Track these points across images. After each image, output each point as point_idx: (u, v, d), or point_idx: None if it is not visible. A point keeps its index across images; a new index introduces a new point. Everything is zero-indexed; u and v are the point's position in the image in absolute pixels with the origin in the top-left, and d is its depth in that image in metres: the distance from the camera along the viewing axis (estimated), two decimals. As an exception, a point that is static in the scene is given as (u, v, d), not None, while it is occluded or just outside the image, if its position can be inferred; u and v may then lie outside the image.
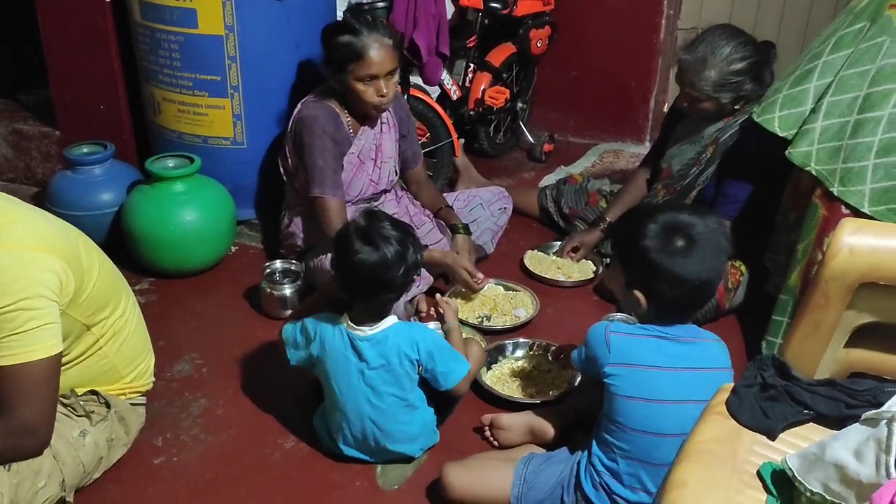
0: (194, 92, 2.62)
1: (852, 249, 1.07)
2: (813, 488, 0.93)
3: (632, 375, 1.54)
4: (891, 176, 1.89)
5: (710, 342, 1.60)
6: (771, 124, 2.08)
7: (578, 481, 1.64)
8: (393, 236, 1.71)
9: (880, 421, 0.89)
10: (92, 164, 2.65)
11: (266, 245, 2.82)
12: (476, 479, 1.70)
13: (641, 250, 1.52)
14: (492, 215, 2.75)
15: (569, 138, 3.93)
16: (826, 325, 1.11)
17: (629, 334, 1.58)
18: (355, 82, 2.29)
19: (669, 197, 2.60)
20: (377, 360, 1.74)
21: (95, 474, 1.77)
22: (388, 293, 1.75)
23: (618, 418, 1.57)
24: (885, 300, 1.09)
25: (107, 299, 1.74)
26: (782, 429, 1.07)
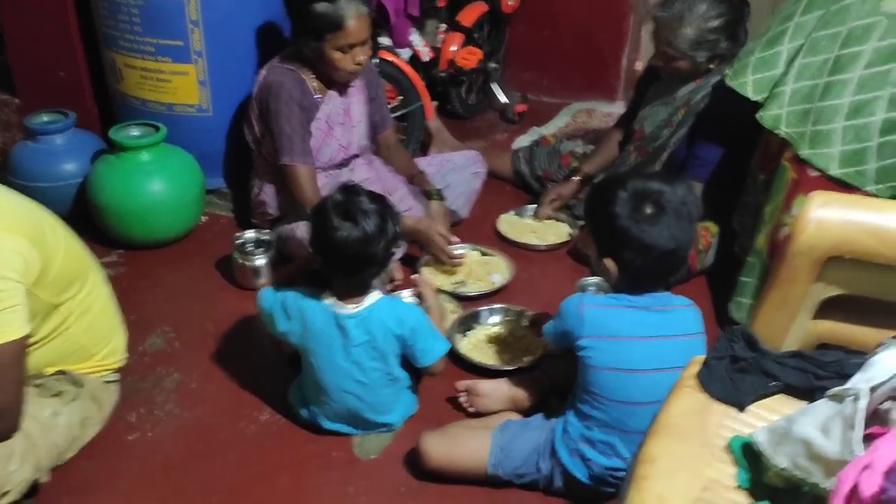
0: (157, 58, 2.54)
1: (820, 224, 1.07)
2: (781, 463, 0.94)
3: (606, 347, 1.55)
4: (859, 138, 1.89)
5: (683, 308, 1.61)
6: (744, 88, 2.08)
7: (554, 448, 1.66)
8: (372, 210, 1.69)
9: (846, 398, 0.90)
10: (53, 133, 2.58)
11: (237, 214, 2.78)
12: (453, 448, 1.71)
13: (610, 218, 1.52)
14: (465, 180, 2.73)
15: (541, 98, 3.89)
16: (794, 299, 1.12)
17: (602, 306, 1.59)
18: (333, 51, 2.23)
19: (641, 159, 2.60)
20: (362, 336, 1.73)
21: (70, 453, 1.76)
22: (370, 268, 1.73)
23: (593, 389, 1.58)
24: (851, 273, 1.10)
25: (73, 277, 1.71)
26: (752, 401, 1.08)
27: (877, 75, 1.86)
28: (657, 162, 2.54)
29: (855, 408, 0.87)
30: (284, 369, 1.99)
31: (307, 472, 1.79)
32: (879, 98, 1.86)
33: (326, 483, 1.76)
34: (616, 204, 1.52)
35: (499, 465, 1.68)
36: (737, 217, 2.34)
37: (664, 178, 1.56)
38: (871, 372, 0.93)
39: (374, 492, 1.74)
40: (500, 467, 1.68)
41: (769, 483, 0.97)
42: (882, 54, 1.85)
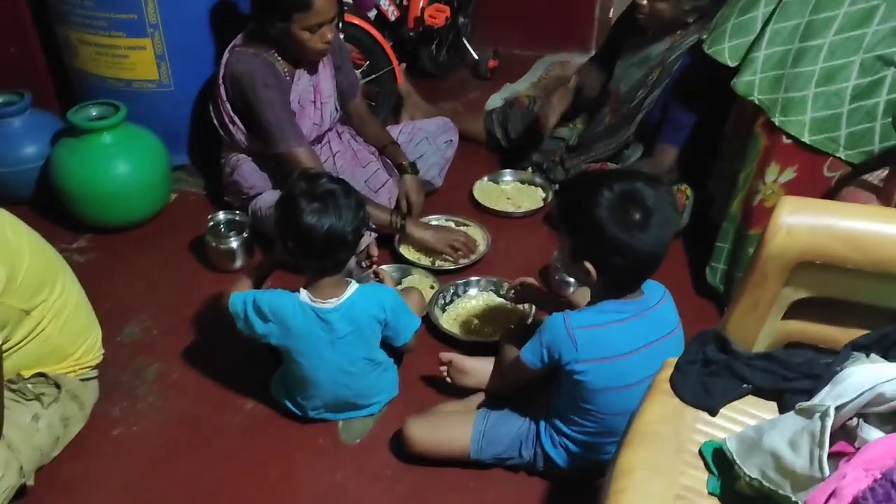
0: (111, 33, 2.45)
1: (790, 230, 1.08)
2: (751, 473, 0.97)
3: (604, 368, 1.50)
4: (830, 105, 1.89)
5: (661, 305, 1.58)
6: (721, 55, 2.05)
7: (539, 437, 1.69)
8: (338, 191, 1.67)
9: (814, 413, 0.92)
10: (9, 115, 2.50)
11: (207, 191, 2.74)
12: (437, 433, 1.74)
13: (596, 222, 1.43)
14: (438, 149, 2.70)
15: (514, 51, 3.82)
16: (764, 302, 1.13)
17: (593, 326, 1.51)
18: (301, 31, 2.16)
19: (615, 121, 2.57)
20: (347, 327, 1.73)
21: (55, 452, 1.76)
22: (342, 251, 1.72)
23: (587, 406, 1.56)
24: (820, 276, 1.12)
25: (42, 281, 1.68)
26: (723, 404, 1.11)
27: (848, 41, 1.85)
28: (632, 124, 2.52)
29: (822, 426, 0.89)
30: (266, 355, 1.99)
31: (295, 461, 1.81)
32: (850, 64, 1.85)
33: (315, 470, 1.79)
34: (601, 208, 1.43)
35: (481, 451, 1.71)
36: (712, 181, 2.35)
37: (646, 178, 1.48)
38: (839, 388, 0.95)
39: (361, 476, 1.77)
40: (482, 453, 1.71)
41: (740, 491, 1.00)
42: (853, 19, 1.84)
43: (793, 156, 1.96)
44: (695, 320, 2.18)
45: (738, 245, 2.14)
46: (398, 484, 1.76)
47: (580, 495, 1.71)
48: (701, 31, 2.29)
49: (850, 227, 1.08)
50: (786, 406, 1.08)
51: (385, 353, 1.88)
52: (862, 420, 0.95)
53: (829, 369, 1.04)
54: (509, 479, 1.76)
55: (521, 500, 1.71)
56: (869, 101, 1.87)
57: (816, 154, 1.94)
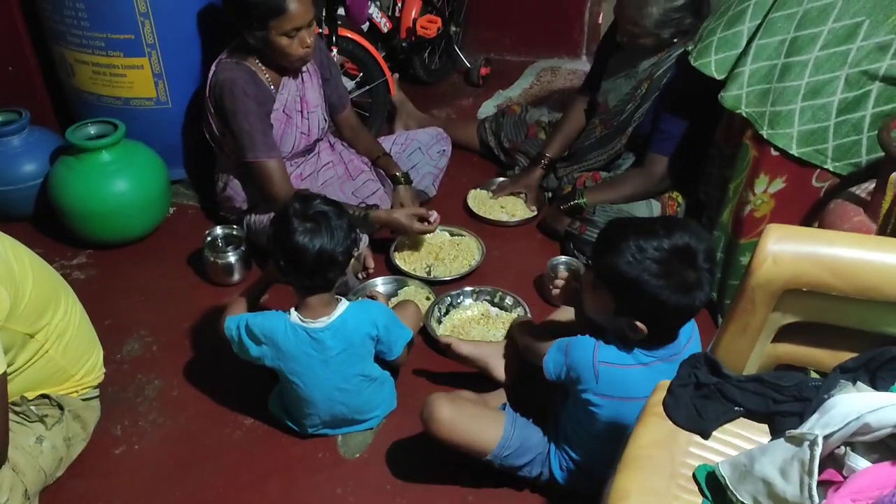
0: (108, 52, 2.47)
1: (776, 259, 1.11)
2: (744, 499, 1.00)
3: (618, 406, 1.49)
4: (817, 118, 1.92)
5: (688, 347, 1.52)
6: (708, 68, 2.08)
7: (548, 457, 1.71)
8: (330, 213, 1.70)
9: (804, 441, 0.95)
10: (8, 134, 2.52)
11: (204, 204, 2.76)
12: (468, 423, 1.67)
13: (649, 288, 1.36)
14: (431, 159, 2.73)
15: (505, 57, 3.86)
16: (753, 327, 1.16)
17: (619, 366, 1.47)
18: (279, 38, 2.18)
19: (606, 132, 2.61)
20: (339, 345, 1.75)
21: (58, 473, 1.79)
22: (332, 271, 1.74)
23: (592, 431, 1.56)
24: (808, 303, 1.15)
25: (45, 304, 1.70)
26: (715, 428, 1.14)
27: (833, 56, 1.88)
28: (622, 136, 2.55)
29: (812, 455, 0.92)
30: (264, 371, 2.01)
31: (295, 476, 1.84)
32: (836, 79, 1.88)
33: (315, 486, 1.82)
34: (654, 274, 1.35)
35: (502, 456, 1.67)
36: (703, 188, 2.38)
37: (684, 228, 1.40)
38: (826, 416, 0.98)
39: (361, 491, 1.80)
40: (501, 458, 1.67)
41: (733, 516, 1.03)
42: (837, 36, 1.86)
43: (781, 167, 2.00)
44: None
45: (729, 254, 2.18)
46: (398, 498, 1.78)
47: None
48: (686, 44, 2.33)
49: (834, 255, 1.11)
50: (777, 428, 1.11)
51: (380, 368, 1.91)
52: (849, 448, 0.98)
53: (818, 394, 1.07)
54: (508, 494, 1.79)
55: (520, 513, 1.75)
56: (855, 114, 1.90)
57: (805, 166, 1.98)
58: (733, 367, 1.20)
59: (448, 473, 1.82)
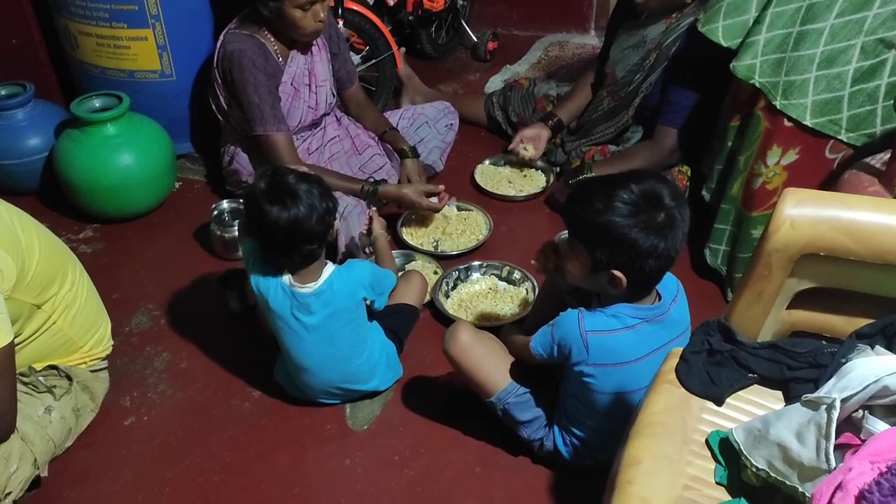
0: (111, 24, 2.44)
1: (793, 223, 1.09)
2: (758, 464, 0.99)
3: (613, 374, 1.49)
4: (832, 88, 1.89)
5: (674, 306, 1.53)
6: (715, 34, 2.05)
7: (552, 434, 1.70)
8: (300, 189, 1.65)
9: (820, 405, 0.94)
10: (13, 108, 2.50)
11: (210, 178, 2.75)
12: (483, 356, 1.69)
13: (622, 231, 1.37)
14: (438, 133, 2.70)
15: (512, 31, 3.81)
16: (769, 293, 1.14)
17: (607, 331, 1.48)
18: (293, 10, 2.16)
19: (614, 104, 2.58)
20: (325, 309, 1.75)
21: (67, 443, 1.79)
22: (308, 245, 1.70)
23: (592, 407, 1.57)
24: (824, 268, 1.13)
25: (53, 275, 1.70)
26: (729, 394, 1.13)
27: (848, 24, 1.84)
28: (630, 107, 2.53)
29: (829, 418, 0.91)
30: (271, 342, 2.01)
31: (304, 447, 1.84)
32: (851, 47, 1.85)
33: (323, 457, 1.82)
34: (626, 215, 1.37)
35: (503, 403, 1.68)
36: (705, 161, 2.34)
37: (653, 175, 1.44)
38: (844, 380, 0.97)
39: (369, 462, 1.80)
40: (502, 404, 1.68)
41: (746, 481, 1.02)
42: (853, 3, 1.83)
43: (794, 138, 1.97)
44: (697, 302, 2.18)
45: (739, 226, 2.16)
46: (405, 469, 1.79)
47: (586, 482, 1.74)
48: (697, 13, 2.29)
49: (852, 219, 1.09)
50: (791, 396, 1.10)
51: (376, 330, 1.90)
52: (867, 412, 0.97)
53: (834, 360, 1.06)
54: (516, 464, 1.79)
55: (528, 485, 1.74)
56: (870, 83, 1.87)
57: (818, 137, 1.95)
58: (747, 335, 1.19)
59: (456, 445, 1.83)
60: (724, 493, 1.03)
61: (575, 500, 1.71)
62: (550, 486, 1.74)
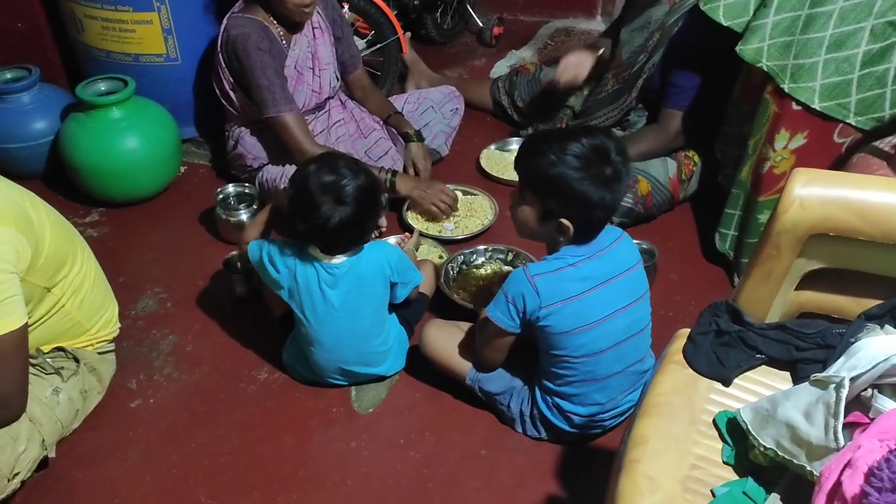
0: (117, 7, 2.44)
1: (803, 203, 1.08)
2: (766, 444, 0.99)
3: (565, 310, 1.56)
4: (840, 71, 1.88)
5: (617, 244, 1.62)
6: (716, 13, 2.03)
7: (535, 402, 1.74)
8: (358, 188, 1.66)
9: (829, 384, 0.94)
10: (18, 91, 2.50)
11: (215, 163, 2.75)
12: (446, 344, 1.84)
13: (571, 182, 1.47)
14: (444, 117, 2.70)
15: (518, 17, 3.80)
16: (777, 273, 1.14)
17: (552, 272, 1.57)
18: None
19: (618, 86, 2.56)
20: (351, 282, 1.76)
21: (74, 425, 1.80)
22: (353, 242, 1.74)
23: (559, 352, 1.61)
24: (834, 248, 1.12)
25: (63, 258, 1.70)
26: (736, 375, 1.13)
27: (858, 7, 1.83)
28: (633, 89, 2.51)
29: (838, 396, 0.91)
30: (277, 325, 2.02)
31: (309, 430, 1.85)
32: (861, 30, 1.84)
33: (329, 439, 1.82)
34: (575, 168, 1.47)
35: (476, 380, 1.80)
36: (719, 146, 2.34)
37: (602, 131, 1.56)
38: (853, 359, 0.97)
39: (375, 445, 1.81)
40: (476, 382, 1.80)
41: (754, 460, 1.02)
42: (864, -15, 1.82)
43: (803, 122, 1.96)
44: (705, 286, 2.22)
45: (747, 211, 2.15)
46: (411, 452, 1.79)
47: (593, 463, 1.75)
48: None
49: (862, 199, 1.08)
50: (799, 376, 1.10)
51: (397, 322, 1.92)
52: (876, 391, 0.97)
53: (843, 340, 1.06)
54: (521, 447, 1.79)
55: (534, 467, 1.75)
56: (879, 66, 1.86)
57: (827, 120, 1.94)
58: (755, 315, 1.19)
59: (461, 428, 1.83)
60: (731, 473, 1.03)
61: (581, 481, 1.72)
62: (556, 468, 1.74)
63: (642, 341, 1.66)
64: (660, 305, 2.15)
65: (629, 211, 2.35)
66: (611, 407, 1.69)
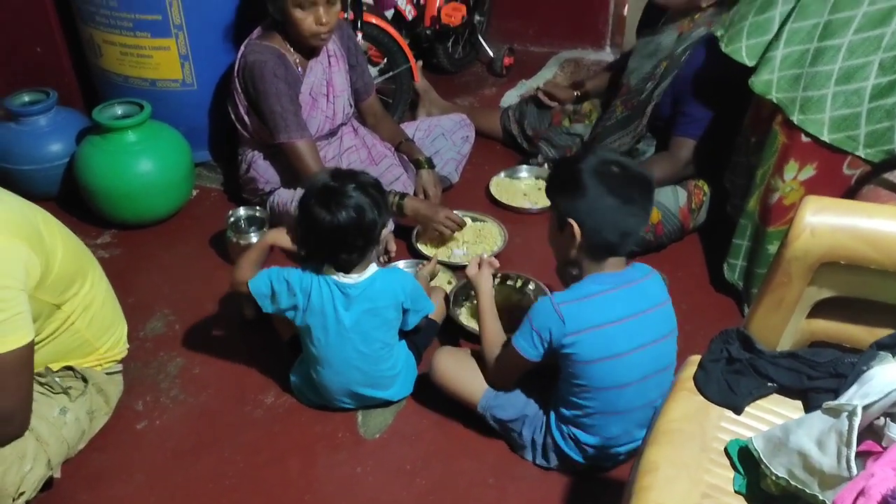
0: (135, 33, 2.48)
1: (814, 231, 1.09)
2: (778, 472, 0.98)
3: (590, 339, 1.55)
4: (849, 104, 1.89)
5: (647, 280, 1.63)
6: (739, 54, 2.05)
7: (549, 429, 1.72)
8: (356, 202, 1.69)
9: (841, 413, 0.93)
10: (36, 114, 2.54)
11: (226, 187, 2.77)
12: (458, 371, 1.83)
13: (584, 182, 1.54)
14: (454, 145, 2.72)
15: (528, 48, 3.84)
16: (788, 302, 1.14)
17: (577, 299, 1.57)
18: (294, 9, 2.18)
19: (627, 113, 2.59)
20: (364, 304, 1.77)
21: (80, 445, 1.79)
22: (348, 254, 1.74)
23: (581, 382, 1.60)
24: (845, 277, 1.12)
25: (73, 276, 1.71)
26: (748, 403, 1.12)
27: (867, 40, 1.85)
28: (643, 116, 2.53)
29: (850, 425, 0.90)
30: (285, 349, 2.02)
31: (315, 454, 1.84)
32: (870, 63, 1.85)
33: (335, 464, 1.81)
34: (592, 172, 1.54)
35: (488, 408, 1.78)
36: (728, 176, 2.35)
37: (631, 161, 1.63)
38: (865, 387, 0.96)
39: (381, 471, 1.80)
40: (488, 409, 1.78)
41: (766, 489, 1.01)
42: (872, 19, 1.83)
43: (812, 153, 1.97)
44: (715, 316, 2.21)
45: (756, 242, 2.15)
46: (417, 478, 1.78)
47: (601, 490, 1.73)
48: (710, 24, 2.32)
49: (873, 228, 1.08)
50: (811, 405, 1.09)
51: (406, 348, 1.92)
52: (889, 419, 0.96)
53: (855, 368, 1.05)
54: (530, 475, 1.78)
55: (543, 496, 1.73)
56: (888, 99, 1.87)
57: (836, 152, 1.95)
58: (767, 343, 1.18)
59: (469, 455, 1.82)
60: (742, 502, 1.02)
61: (589, 511, 1.70)
62: (566, 497, 1.73)
63: (665, 379, 1.62)
64: (669, 335, 2.14)
65: (639, 239, 2.35)
66: (626, 441, 1.67)
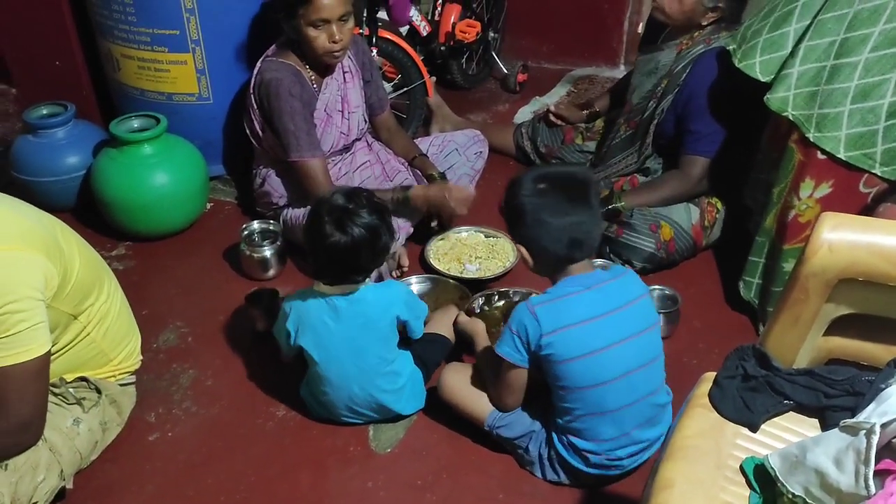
0: (153, 47, 2.51)
1: (831, 247, 1.08)
2: (795, 491, 0.97)
3: (567, 337, 1.57)
4: (866, 122, 1.89)
5: (622, 278, 1.66)
6: (752, 70, 2.05)
7: (552, 444, 1.72)
8: (366, 223, 1.72)
9: (859, 431, 0.92)
10: (53, 127, 2.57)
11: (240, 200, 2.79)
12: (464, 389, 1.83)
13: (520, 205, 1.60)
14: (468, 160, 2.72)
15: (542, 65, 3.85)
16: (805, 318, 1.13)
17: (551, 300, 1.61)
18: (307, 27, 2.20)
19: (631, 131, 2.59)
20: (356, 318, 1.78)
21: (93, 457, 1.80)
22: (355, 275, 1.78)
23: (563, 383, 1.61)
24: (862, 293, 1.12)
25: (90, 286, 1.72)
26: (764, 421, 1.11)
27: (883, 58, 1.84)
28: (647, 134, 2.53)
29: (868, 443, 0.89)
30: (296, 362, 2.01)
31: (327, 468, 1.83)
32: (886, 81, 1.85)
33: (346, 479, 1.81)
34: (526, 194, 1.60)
35: (494, 426, 1.78)
36: (749, 193, 2.32)
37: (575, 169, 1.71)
38: (884, 405, 0.95)
39: (392, 486, 1.79)
40: (494, 428, 1.78)
41: (782, 508, 1.00)
42: (889, 37, 1.83)
43: (828, 171, 1.96)
44: (730, 334, 2.19)
45: (772, 259, 2.14)
46: (428, 494, 1.77)
47: (612, 508, 1.72)
48: (709, 42, 2.33)
49: (891, 245, 1.07)
50: (828, 423, 1.08)
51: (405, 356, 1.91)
52: (907, 437, 0.95)
53: (873, 386, 1.04)
54: (539, 491, 1.76)
55: (552, 512, 1.72)
56: (905, 117, 1.86)
57: (852, 170, 1.94)
58: (783, 360, 1.17)
59: (479, 471, 1.81)
60: (758, 521, 1.01)
61: (601, 530, 1.69)
62: (576, 514, 1.71)
63: (654, 372, 1.65)
64: (683, 352, 2.13)
65: (651, 256, 2.35)
66: (626, 443, 1.66)
